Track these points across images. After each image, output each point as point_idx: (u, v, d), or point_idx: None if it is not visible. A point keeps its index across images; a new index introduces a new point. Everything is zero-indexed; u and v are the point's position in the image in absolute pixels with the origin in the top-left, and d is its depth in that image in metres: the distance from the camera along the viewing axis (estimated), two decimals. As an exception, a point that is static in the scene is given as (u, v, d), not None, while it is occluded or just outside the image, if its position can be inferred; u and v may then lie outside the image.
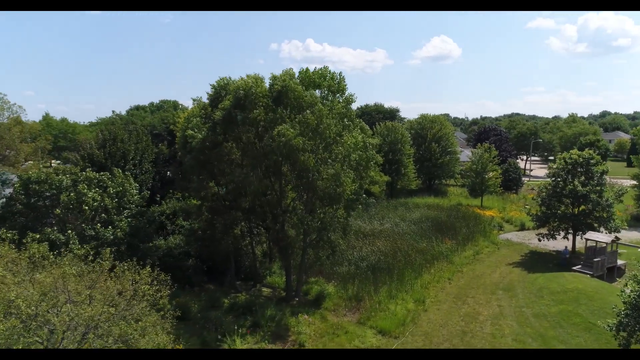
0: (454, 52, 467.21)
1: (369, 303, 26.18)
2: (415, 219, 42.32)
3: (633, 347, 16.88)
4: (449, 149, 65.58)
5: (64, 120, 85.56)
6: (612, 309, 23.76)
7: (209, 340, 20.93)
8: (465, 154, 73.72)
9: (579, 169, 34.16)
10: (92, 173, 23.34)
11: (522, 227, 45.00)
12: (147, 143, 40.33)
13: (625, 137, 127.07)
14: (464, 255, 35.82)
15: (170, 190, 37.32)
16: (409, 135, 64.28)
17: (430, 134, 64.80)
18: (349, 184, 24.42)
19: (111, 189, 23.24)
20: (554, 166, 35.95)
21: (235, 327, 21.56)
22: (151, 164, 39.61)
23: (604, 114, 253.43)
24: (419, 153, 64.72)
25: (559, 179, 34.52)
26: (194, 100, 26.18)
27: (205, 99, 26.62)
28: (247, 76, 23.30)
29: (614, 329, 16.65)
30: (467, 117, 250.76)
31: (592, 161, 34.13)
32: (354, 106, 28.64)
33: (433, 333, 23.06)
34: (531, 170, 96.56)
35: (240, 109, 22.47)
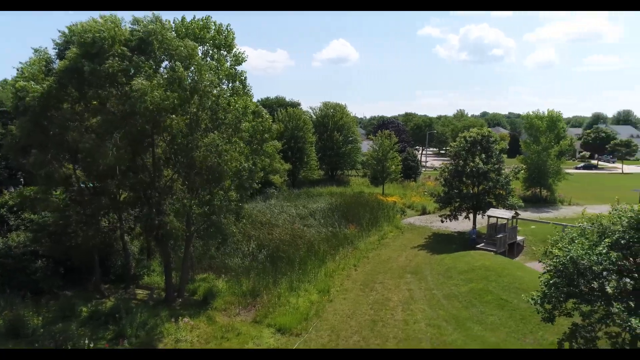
0: (352, 55, 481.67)
1: (267, 298, 22.44)
2: (318, 207, 39.47)
3: (558, 320, 15.25)
4: (351, 138, 64.37)
5: None
6: (523, 282, 22.86)
7: (46, 362, 15.48)
8: (366, 145, 73.39)
9: (478, 147, 33.79)
10: None
11: (424, 211, 44.60)
12: (-10, 122, 32.32)
13: (504, 132, 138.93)
14: (369, 241, 33.73)
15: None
16: (312, 123, 61.86)
17: (332, 122, 62.92)
18: (235, 156, 20.46)
19: None
20: (454, 144, 35.35)
21: (87, 341, 16.38)
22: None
23: (484, 114, 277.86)
24: (321, 142, 62.58)
25: (459, 159, 33.86)
26: (35, 50, 19.98)
27: (51, 50, 20.71)
28: (101, 17, 18.00)
29: (538, 301, 14.83)
30: (365, 117, 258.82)
31: (491, 139, 33.99)
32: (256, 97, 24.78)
33: (340, 326, 19.98)
34: (427, 161, 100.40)
35: (89, 59, 17.20)
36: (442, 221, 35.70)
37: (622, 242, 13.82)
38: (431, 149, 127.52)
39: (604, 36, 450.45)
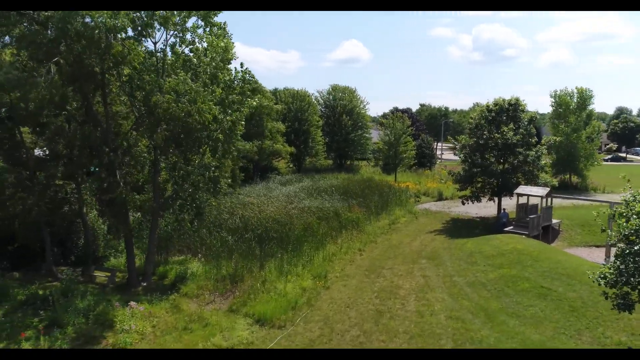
0: (364, 55, 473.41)
1: (250, 282, 18.35)
2: (322, 187, 35.30)
3: (638, 307, 10.81)
4: (360, 123, 59.78)
5: None
6: (568, 268, 18.41)
7: None
8: (376, 135, 68.75)
9: (504, 117, 29.15)
10: None
11: (440, 197, 40.09)
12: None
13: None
14: (378, 225, 29.38)
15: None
16: (318, 106, 57.64)
17: (340, 106, 58.47)
18: (207, 104, 16.42)
19: None
20: (475, 115, 30.76)
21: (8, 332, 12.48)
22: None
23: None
24: (328, 127, 58.19)
25: (483, 130, 29.23)
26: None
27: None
28: None
29: (610, 282, 10.42)
30: (377, 115, 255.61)
31: (519, 107, 29.35)
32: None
33: (336, 317, 15.75)
34: (442, 154, 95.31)
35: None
36: (463, 203, 31.19)
37: None
38: (446, 144, 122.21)
39: (616, 36, 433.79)
